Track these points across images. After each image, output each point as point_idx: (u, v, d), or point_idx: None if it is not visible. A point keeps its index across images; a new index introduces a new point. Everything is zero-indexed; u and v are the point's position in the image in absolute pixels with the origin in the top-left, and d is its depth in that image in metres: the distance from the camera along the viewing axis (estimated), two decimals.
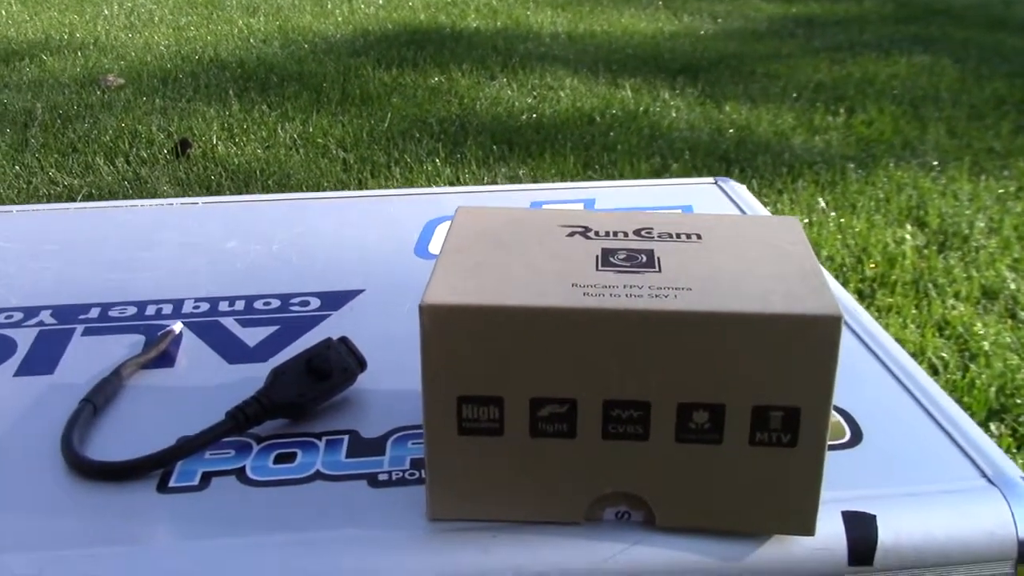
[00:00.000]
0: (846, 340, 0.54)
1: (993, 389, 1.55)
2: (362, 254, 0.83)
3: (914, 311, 1.82)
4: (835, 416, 0.51)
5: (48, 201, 2.39)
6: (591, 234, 0.33)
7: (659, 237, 0.33)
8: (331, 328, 0.68)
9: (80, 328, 0.70)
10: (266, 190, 2.42)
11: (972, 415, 1.50)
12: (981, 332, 1.74)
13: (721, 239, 0.33)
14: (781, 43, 4.30)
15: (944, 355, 1.65)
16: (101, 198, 2.38)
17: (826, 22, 4.83)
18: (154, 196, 2.39)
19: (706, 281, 0.30)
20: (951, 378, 1.59)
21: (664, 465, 0.33)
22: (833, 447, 0.49)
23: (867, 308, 1.84)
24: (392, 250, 0.83)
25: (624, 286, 0.29)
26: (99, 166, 2.60)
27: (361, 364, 0.60)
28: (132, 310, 0.72)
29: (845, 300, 0.63)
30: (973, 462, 0.51)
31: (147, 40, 4.23)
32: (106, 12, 4.90)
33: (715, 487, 0.34)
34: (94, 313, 0.72)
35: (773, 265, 0.32)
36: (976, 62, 3.86)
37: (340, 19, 4.74)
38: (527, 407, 0.31)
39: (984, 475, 0.50)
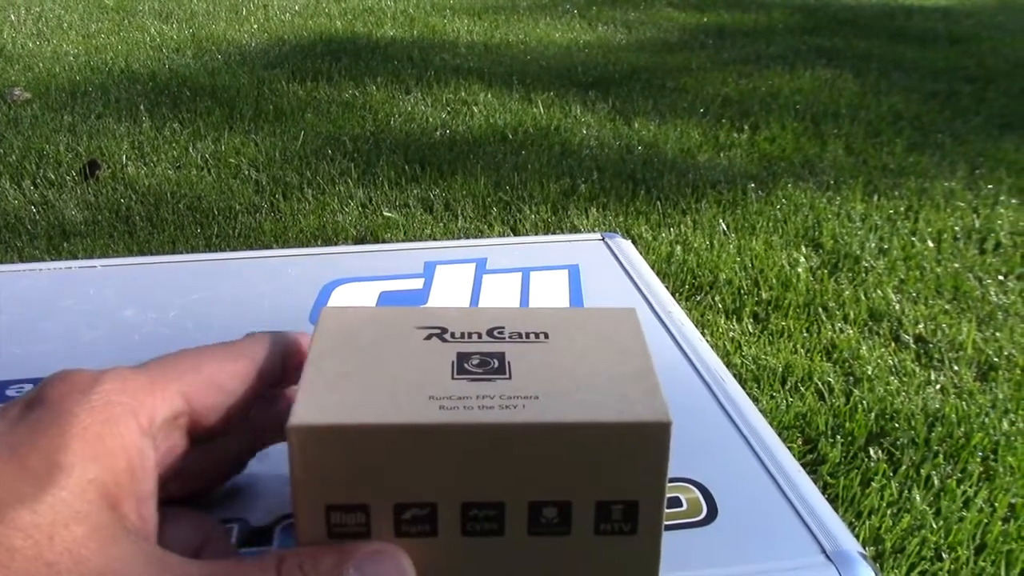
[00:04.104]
0: (712, 412, 0.59)
1: (873, 414, 1.63)
2: (257, 321, 0.85)
3: (804, 335, 1.90)
4: (694, 492, 0.55)
5: None
6: (447, 336, 0.35)
7: (510, 338, 0.35)
8: None
9: None
10: (176, 214, 2.41)
11: (852, 441, 1.57)
12: (866, 355, 1.82)
13: (565, 338, 0.36)
14: (692, 55, 4.39)
15: (830, 379, 1.73)
16: (6, 224, 2.35)
17: (736, 32, 4.94)
18: (61, 221, 2.37)
19: (549, 388, 0.32)
20: (835, 403, 1.66)
21: (520, 556, 0.37)
22: (689, 525, 0.52)
23: (761, 332, 1.91)
24: (287, 317, 0.86)
25: (477, 396, 0.31)
26: (5, 189, 2.56)
27: None
28: (31, 388, 0.74)
29: (713, 366, 0.67)
30: (815, 537, 0.55)
31: (55, 49, 4.15)
32: (12, 18, 4.79)
33: (566, 573, 0.38)
34: None
35: (610, 365, 0.34)
36: (876, 76, 4.00)
37: (255, 26, 4.71)
38: (391, 512, 0.33)
39: (823, 551, 0.54)
